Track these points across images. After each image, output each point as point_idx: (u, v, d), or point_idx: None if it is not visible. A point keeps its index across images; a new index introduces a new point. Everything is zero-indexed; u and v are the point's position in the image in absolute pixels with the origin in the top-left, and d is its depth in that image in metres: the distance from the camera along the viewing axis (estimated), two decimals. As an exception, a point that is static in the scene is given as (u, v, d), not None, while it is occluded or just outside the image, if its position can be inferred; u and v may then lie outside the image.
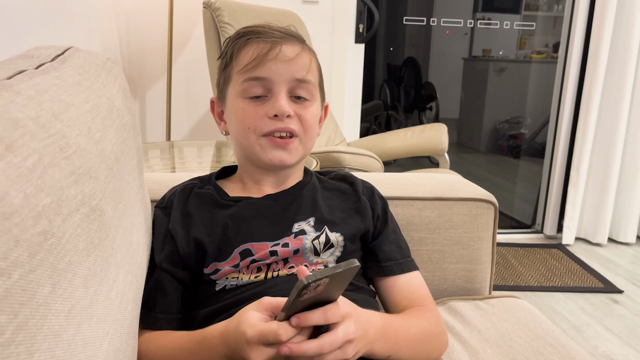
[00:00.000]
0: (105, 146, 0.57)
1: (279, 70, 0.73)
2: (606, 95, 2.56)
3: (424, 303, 0.78)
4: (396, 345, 0.65)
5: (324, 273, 0.51)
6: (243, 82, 0.74)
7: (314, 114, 0.78)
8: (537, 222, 2.93)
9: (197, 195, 0.79)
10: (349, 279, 0.56)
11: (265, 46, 0.74)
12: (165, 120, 2.24)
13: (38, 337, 0.38)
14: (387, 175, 1.11)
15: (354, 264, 0.53)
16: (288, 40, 0.75)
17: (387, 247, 0.81)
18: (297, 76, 0.74)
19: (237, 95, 0.75)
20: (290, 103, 0.74)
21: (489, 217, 1.03)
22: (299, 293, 0.51)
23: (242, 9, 1.92)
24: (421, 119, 3.54)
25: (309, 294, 0.52)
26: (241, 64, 0.74)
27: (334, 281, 0.53)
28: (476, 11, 3.14)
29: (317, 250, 0.75)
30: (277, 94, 0.73)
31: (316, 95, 0.78)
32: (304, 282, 0.50)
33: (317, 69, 0.80)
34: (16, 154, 0.40)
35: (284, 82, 0.74)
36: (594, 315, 1.97)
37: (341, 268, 0.52)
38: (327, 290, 0.54)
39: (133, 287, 0.61)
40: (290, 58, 0.74)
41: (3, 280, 0.35)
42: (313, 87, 0.77)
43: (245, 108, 0.74)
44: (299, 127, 0.75)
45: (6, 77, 0.51)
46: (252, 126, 0.74)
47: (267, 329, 0.54)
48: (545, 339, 0.84)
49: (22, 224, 0.38)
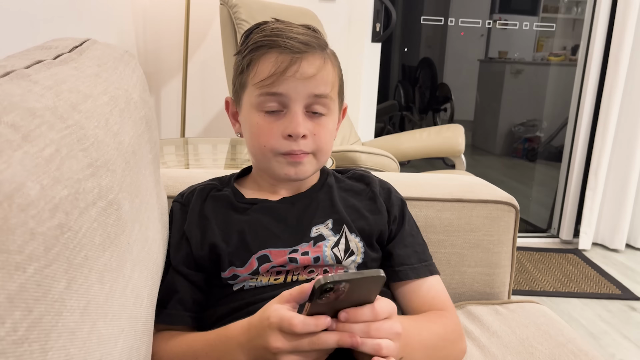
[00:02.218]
0: (122, 139, 0.56)
1: (297, 88, 0.70)
2: (627, 99, 2.52)
3: (443, 308, 0.76)
4: (407, 347, 0.62)
5: (343, 277, 0.49)
6: (259, 96, 0.71)
7: (330, 129, 0.75)
8: (553, 226, 2.89)
9: (213, 198, 0.78)
10: (376, 289, 0.54)
11: (284, 62, 0.70)
12: (180, 117, 2.23)
13: (52, 335, 0.36)
14: (405, 176, 1.09)
15: (379, 274, 0.51)
16: (309, 53, 0.71)
17: (402, 250, 0.79)
18: (316, 92, 0.71)
19: (253, 107, 0.73)
20: (305, 120, 0.71)
21: (510, 220, 1.01)
22: (318, 293, 0.49)
23: (259, 6, 1.91)
24: (435, 120, 3.52)
25: (329, 297, 0.50)
26: (258, 78, 0.71)
27: (356, 288, 0.51)
28: (493, 12, 3.11)
29: (339, 258, 0.73)
30: (294, 112, 0.71)
31: (334, 108, 0.75)
32: (320, 282, 0.49)
33: (338, 79, 0.77)
34: (33, 144, 0.39)
35: (302, 99, 0.71)
36: (611, 323, 1.93)
37: (363, 275, 0.50)
38: (351, 296, 0.52)
39: (148, 284, 0.60)
40: (310, 75, 0.70)
41: (18, 274, 0.34)
42: (331, 101, 0.74)
43: (261, 124, 0.72)
44: (313, 146, 0.73)
45: (24, 67, 0.50)
46: (268, 145, 0.72)
47: (286, 316, 0.53)
48: (567, 346, 0.82)
49: (39, 217, 0.36)
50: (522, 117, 3.41)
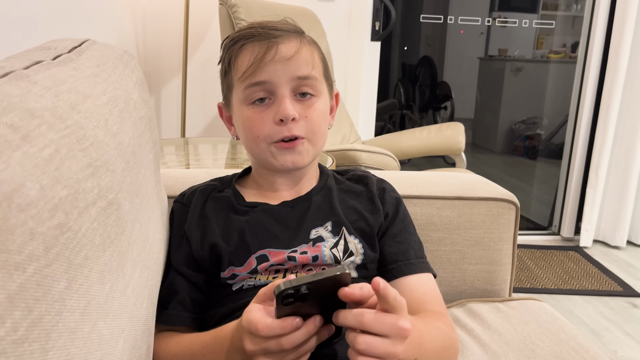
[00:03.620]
0: (122, 139, 0.56)
1: (278, 72, 0.70)
2: (627, 96, 2.52)
3: (435, 308, 0.74)
4: (422, 347, 0.61)
5: (302, 280, 0.48)
6: (245, 89, 0.72)
7: (322, 110, 0.75)
8: (554, 223, 2.88)
9: (214, 199, 0.78)
10: (347, 285, 0.52)
11: (260, 49, 0.71)
12: (180, 117, 2.23)
13: (53, 334, 0.37)
14: (406, 174, 1.09)
15: (342, 271, 0.50)
16: (284, 37, 0.72)
17: (394, 247, 0.78)
18: (299, 74, 0.71)
19: (241, 103, 0.73)
20: (294, 103, 0.72)
21: (510, 217, 1.01)
22: (279, 299, 0.48)
23: (258, 6, 1.91)
24: (436, 119, 3.51)
25: (293, 301, 0.49)
26: (240, 71, 0.72)
27: (322, 288, 0.49)
28: (493, 10, 3.10)
29: (338, 258, 0.73)
30: (281, 96, 0.71)
31: (322, 89, 0.75)
32: (280, 288, 0.48)
33: (320, 61, 0.76)
34: (32, 144, 0.39)
35: (286, 82, 0.71)
36: (613, 320, 1.93)
37: (323, 275, 0.49)
38: (320, 296, 0.51)
39: (149, 284, 0.60)
40: (288, 57, 0.71)
41: (18, 274, 0.34)
42: (317, 82, 0.74)
43: (252, 116, 0.72)
44: (306, 129, 0.72)
45: (23, 67, 0.50)
46: (261, 134, 0.72)
47: (253, 319, 0.53)
48: (569, 343, 0.82)
49: (38, 217, 0.36)
50: (523, 115, 3.40)
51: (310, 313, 0.53)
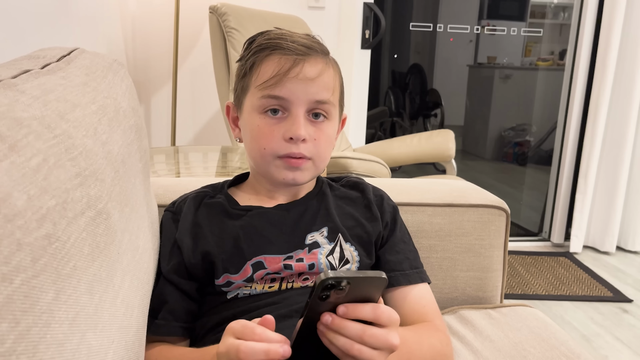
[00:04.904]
0: (111, 148, 0.55)
1: (298, 91, 0.70)
2: (614, 102, 2.54)
3: (432, 319, 0.75)
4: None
5: (346, 274, 0.48)
6: (261, 98, 0.71)
7: (330, 135, 0.75)
8: (544, 230, 2.90)
9: (207, 205, 0.78)
10: (377, 293, 0.52)
11: (286, 63, 0.70)
12: (170, 126, 2.22)
13: (41, 346, 0.36)
14: (397, 181, 1.09)
15: (381, 275, 0.50)
16: (312, 55, 0.72)
17: (393, 257, 0.79)
18: (318, 98, 0.71)
19: (254, 109, 0.73)
20: (307, 124, 0.71)
21: (501, 224, 1.01)
22: (319, 289, 0.48)
23: (248, 14, 1.91)
24: (426, 126, 3.53)
25: (329, 296, 0.49)
26: (260, 79, 0.71)
27: (357, 288, 0.50)
28: (481, 18, 3.13)
29: (334, 266, 0.73)
30: (295, 115, 0.71)
31: (334, 114, 0.76)
32: (321, 277, 0.47)
33: (339, 85, 0.77)
34: (20, 153, 0.39)
35: (303, 103, 0.71)
36: (603, 325, 1.94)
37: (366, 274, 0.49)
38: (352, 298, 0.50)
39: (139, 294, 0.60)
40: (312, 78, 0.70)
41: (4, 286, 0.33)
42: (332, 107, 0.74)
43: (262, 127, 0.72)
44: (313, 151, 0.72)
45: (11, 77, 0.50)
46: (268, 147, 0.72)
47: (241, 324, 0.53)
48: (560, 349, 0.82)
49: (25, 227, 0.36)
50: (512, 122, 3.43)
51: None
